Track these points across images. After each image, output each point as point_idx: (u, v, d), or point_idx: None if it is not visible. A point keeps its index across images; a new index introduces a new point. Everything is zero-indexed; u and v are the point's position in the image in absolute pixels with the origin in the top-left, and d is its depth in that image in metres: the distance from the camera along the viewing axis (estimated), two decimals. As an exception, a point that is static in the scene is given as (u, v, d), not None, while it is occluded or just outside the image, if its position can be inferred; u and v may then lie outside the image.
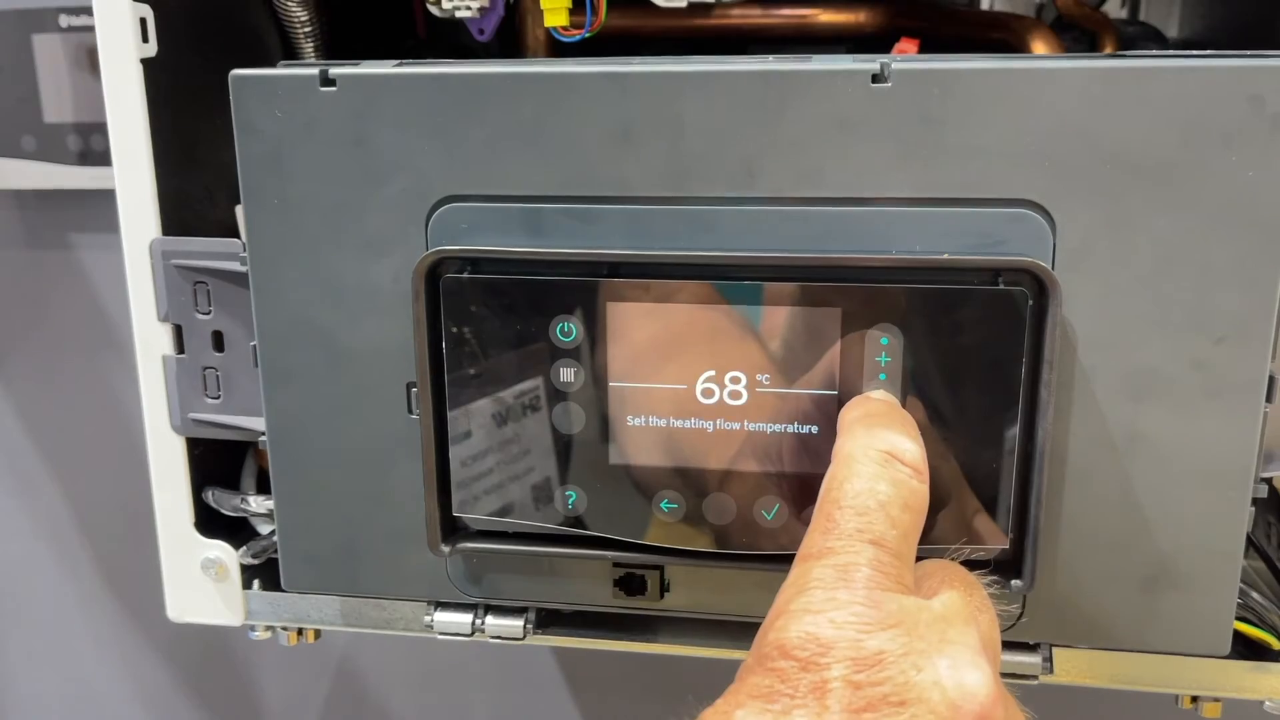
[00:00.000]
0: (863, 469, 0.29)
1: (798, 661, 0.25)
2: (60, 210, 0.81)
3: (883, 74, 0.33)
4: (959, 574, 0.30)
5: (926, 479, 0.30)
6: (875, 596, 0.26)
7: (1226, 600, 0.35)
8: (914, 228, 0.34)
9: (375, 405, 0.38)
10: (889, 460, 0.29)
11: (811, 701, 0.24)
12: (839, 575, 0.26)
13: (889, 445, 0.29)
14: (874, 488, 0.28)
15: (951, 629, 0.26)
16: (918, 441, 0.30)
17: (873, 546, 0.27)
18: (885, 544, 0.27)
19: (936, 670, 0.25)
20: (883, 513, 0.28)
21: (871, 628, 0.25)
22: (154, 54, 0.40)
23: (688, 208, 0.35)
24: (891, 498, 0.28)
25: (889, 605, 0.26)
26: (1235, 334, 0.33)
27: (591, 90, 0.34)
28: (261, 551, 0.43)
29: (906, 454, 0.29)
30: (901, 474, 0.29)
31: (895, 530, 0.28)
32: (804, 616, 0.25)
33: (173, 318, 0.41)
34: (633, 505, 0.36)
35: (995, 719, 0.25)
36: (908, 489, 0.29)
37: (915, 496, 0.29)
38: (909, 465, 0.29)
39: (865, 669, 0.24)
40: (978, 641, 0.26)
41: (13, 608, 0.93)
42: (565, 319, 0.35)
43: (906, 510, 0.28)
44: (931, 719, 0.24)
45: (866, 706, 0.24)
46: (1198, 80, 0.32)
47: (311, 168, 0.36)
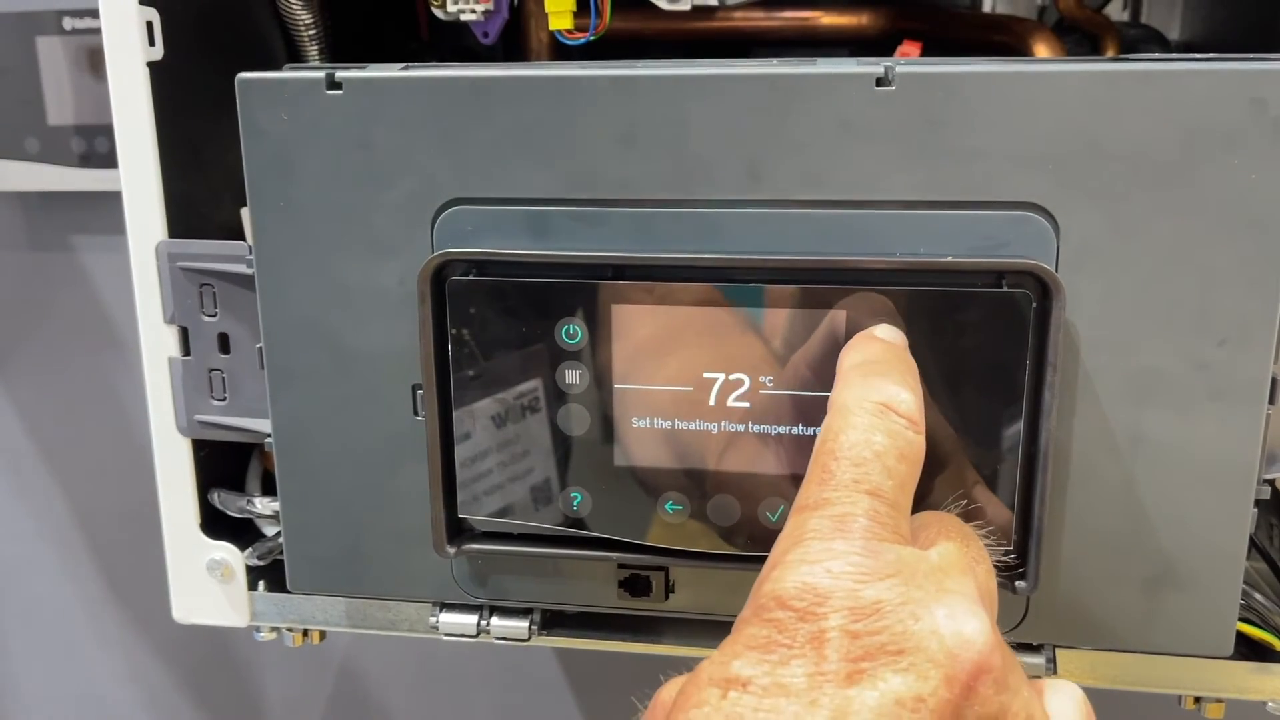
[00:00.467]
0: (858, 420, 0.28)
1: (795, 612, 0.24)
2: (63, 212, 0.81)
3: (887, 77, 0.33)
4: (955, 525, 0.30)
5: (923, 429, 0.29)
6: (872, 546, 0.26)
7: (1229, 601, 0.35)
8: (918, 230, 0.34)
9: (381, 407, 0.38)
10: (884, 411, 0.29)
11: (809, 651, 0.24)
12: (835, 526, 0.26)
13: (885, 396, 0.29)
14: (869, 439, 0.28)
15: (949, 579, 0.26)
16: (915, 391, 0.30)
17: (869, 497, 0.27)
18: (882, 494, 0.27)
19: (934, 619, 0.25)
20: (879, 463, 0.27)
21: (868, 577, 0.25)
22: (160, 57, 0.40)
23: (692, 210, 0.35)
24: (887, 448, 0.28)
25: (886, 555, 0.26)
26: (1238, 336, 0.33)
27: (596, 94, 0.35)
28: (267, 553, 0.43)
29: (902, 405, 0.29)
30: (897, 424, 0.29)
31: (891, 480, 0.27)
32: (800, 567, 0.25)
33: (179, 320, 0.41)
34: (637, 506, 0.36)
35: (993, 667, 0.25)
36: (904, 439, 0.28)
37: (911, 447, 0.29)
38: (904, 416, 0.29)
39: (863, 618, 0.24)
40: (975, 591, 0.26)
41: (16, 609, 0.93)
42: (570, 321, 0.35)
43: (903, 460, 0.28)
44: (930, 667, 0.24)
45: (864, 655, 0.24)
46: (1200, 83, 0.32)
47: (317, 170, 0.36)
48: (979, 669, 0.24)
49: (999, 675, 0.25)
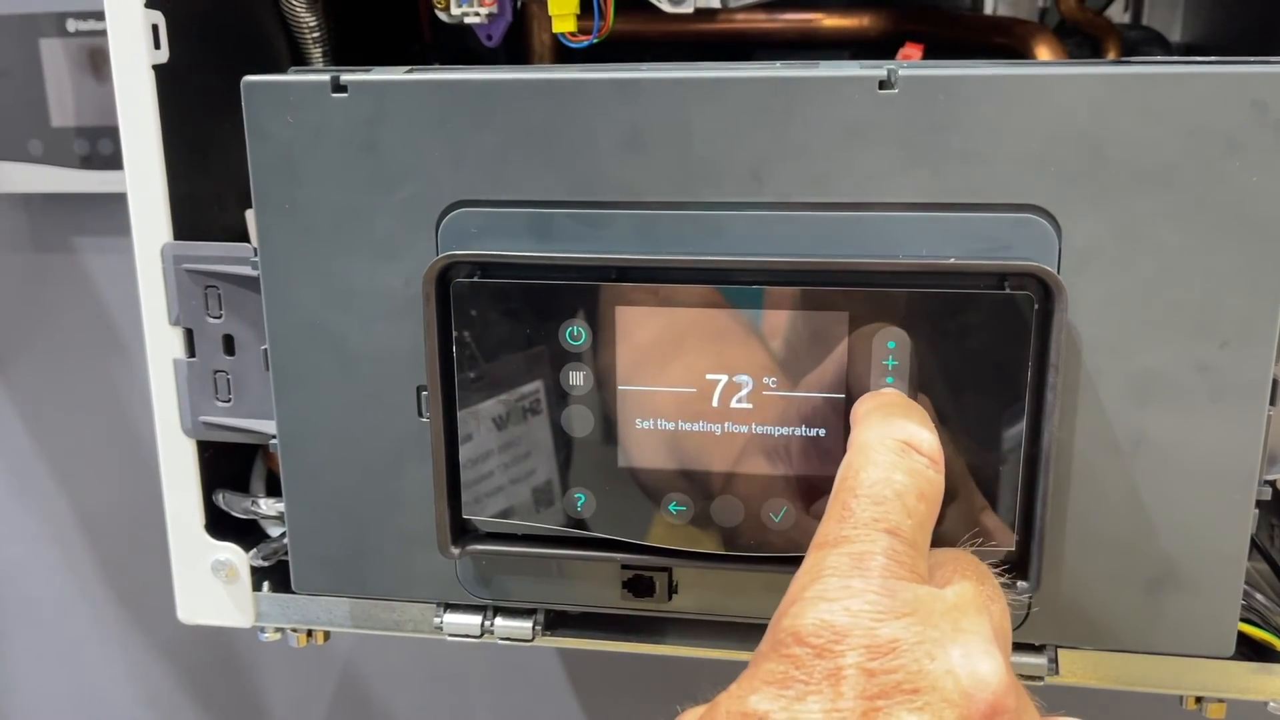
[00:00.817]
0: (879, 458, 0.29)
1: (812, 648, 0.25)
2: (66, 214, 0.81)
3: (890, 80, 0.33)
4: (972, 563, 0.30)
5: (942, 469, 0.30)
6: (890, 585, 0.26)
7: (1230, 602, 0.35)
8: (920, 232, 0.34)
9: (386, 408, 0.38)
10: (905, 449, 0.29)
11: (826, 688, 0.24)
12: (854, 563, 0.26)
13: (906, 434, 0.29)
14: (890, 477, 0.28)
15: (965, 618, 0.26)
16: (933, 432, 0.30)
17: (888, 535, 0.27)
18: (900, 533, 0.27)
19: (950, 659, 0.25)
20: (899, 502, 0.28)
21: (885, 616, 0.25)
22: (165, 60, 0.41)
23: (696, 213, 0.35)
24: (908, 487, 0.28)
25: (903, 594, 0.26)
26: (1239, 338, 0.33)
27: (600, 96, 0.35)
28: (272, 554, 0.44)
29: (924, 444, 0.29)
30: (918, 463, 0.29)
31: (911, 519, 0.28)
32: (819, 604, 0.26)
33: (184, 321, 0.42)
34: (641, 507, 0.36)
35: (1008, 707, 0.25)
36: (924, 478, 0.29)
37: (931, 486, 0.29)
38: (926, 455, 0.29)
39: (879, 656, 0.25)
40: (990, 630, 0.27)
41: (19, 610, 0.93)
42: (574, 323, 0.35)
43: (922, 500, 0.28)
44: (945, 707, 0.24)
45: (880, 694, 0.24)
46: (1201, 86, 0.32)
47: (322, 173, 0.37)
48: (993, 709, 0.25)
49: (1013, 716, 0.25)
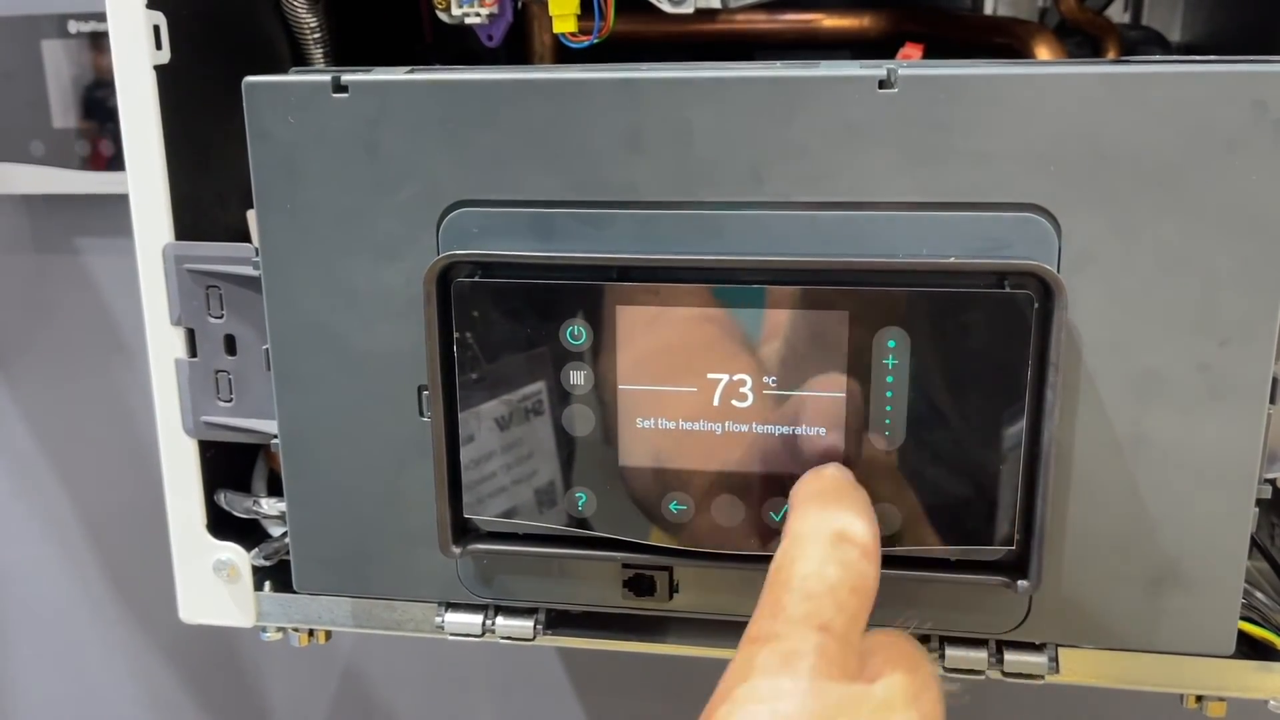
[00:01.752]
0: (812, 550, 0.29)
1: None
2: (68, 215, 0.81)
3: (889, 80, 0.33)
4: (905, 651, 0.29)
5: (877, 560, 0.29)
6: (819, 686, 0.26)
7: (1231, 600, 0.35)
8: (920, 232, 0.34)
9: (387, 408, 0.38)
10: (839, 541, 0.29)
11: None
12: (784, 663, 0.26)
13: (840, 525, 0.29)
14: (823, 570, 0.28)
15: (893, 715, 0.26)
16: (870, 521, 0.30)
17: (818, 633, 0.27)
18: (831, 629, 0.27)
19: None
20: (831, 597, 0.28)
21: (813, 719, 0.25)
22: (167, 61, 0.41)
23: (696, 212, 0.35)
24: (840, 581, 0.28)
25: (831, 695, 0.26)
26: (1239, 336, 0.33)
27: (601, 96, 0.35)
28: (274, 553, 0.44)
29: (858, 535, 0.29)
30: (851, 555, 0.29)
31: (842, 615, 0.27)
32: (747, 705, 0.26)
33: (185, 321, 0.42)
34: (642, 507, 0.36)
35: None
36: (856, 572, 0.28)
37: (864, 580, 0.29)
38: (859, 546, 0.29)
39: None
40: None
41: (20, 610, 0.93)
42: (575, 322, 0.35)
43: (855, 594, 0.28)
44: None
45: None
46: (1201, 85, 0.32)
47: (324, 173, 0.37)
48: None
49: None
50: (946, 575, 0.35)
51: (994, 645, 0.38)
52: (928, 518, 0.34)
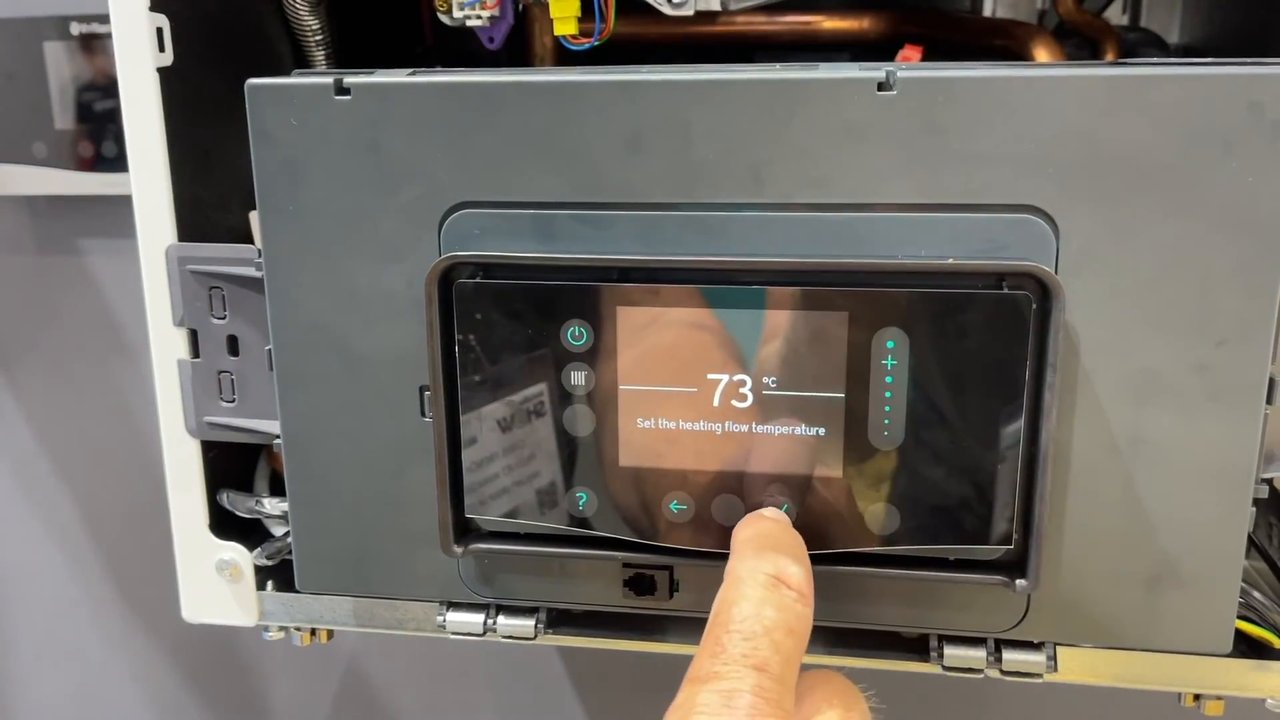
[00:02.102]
0: (750, 592, 0.30)
1: None
2: (70, 216, 0.81)
3: (888, 82, 0.34)
4: (840, 691, 0.31)
5: (811, 603, 0.31)
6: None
7: (1228, 599, 0.36)
8: (919, 233, 0.34)
9: (388, 408, 0.38)
10: (776, 584, 0.30)
11: None
12: (723, 702, 0.27)
13: (776, 569, 0.31)
14: (760, 612, 0.30)
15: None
16: (804, 565, 0.32)
17: (756, 672, 0.28)
18: (768, 669, 0.28)
19: None
20: (768, 638, 0.29)
21: None
22: (170, 63, 0.41)
23: (697, 213, 0.35)
24: (776, 622, 0.29)
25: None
26: (1236, 337, 0.33)
27: (602, 98, 0.35)
28: (276, 553, 0.44)
29: (793, 578, 0.31)
30: (787, 598, 0.30)
31: (779, 655, 0.29)
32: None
33: (188, 322, 0.42)
34: (642, 506, 0.36)
35: None
36: (793, 614, 0.30)
37: (800, 621, 0.30)
38: (794, 589, 0.30)
39: None
40: None
41: (22, 609, 0.94)
42: (576, 323, 0.35)
43: (790, 635, 0.29)
44: None
45: None
46: (1198, 88, 0.32)
47: (326, 175, 0.37)
48: None
49: None
50: (945, 574, 0.35)
51: (993, 644, 0.38)
52: (927, 517, 0.35)
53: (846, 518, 0.35)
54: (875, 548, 0.35)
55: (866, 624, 0.38)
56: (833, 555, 0.35)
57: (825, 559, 0.35)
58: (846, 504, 0.35)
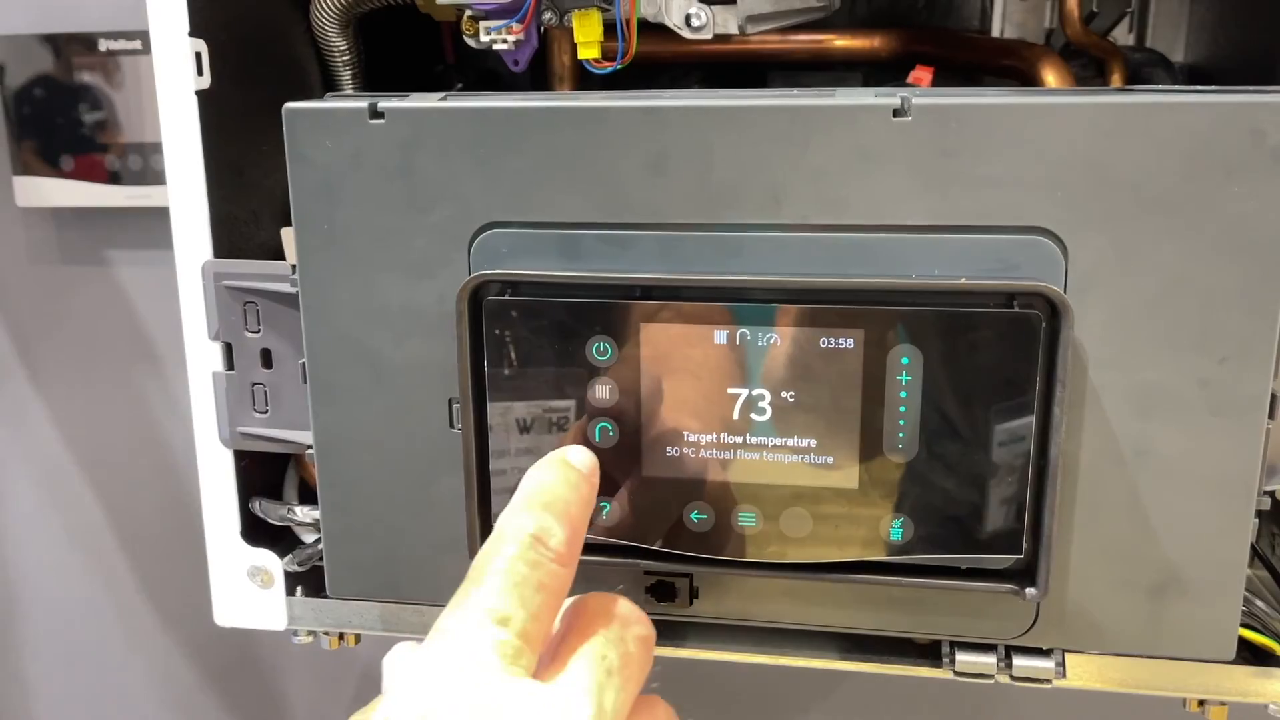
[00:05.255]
0: (506, 549, 0.29)
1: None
2: (96, 228, 0.83)
3: (904, 108, 0.35)
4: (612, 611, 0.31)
5: (569, 563, 0.30)
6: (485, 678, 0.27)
7: (1232, 608, 0.37)
8: (932, 253, 0.35)
9: (418, 420, 0.40)
10: (535, 543, 0.30)
11: None
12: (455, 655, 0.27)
13: (538, 528, 0.30)
14: (511, 568, 0.29)
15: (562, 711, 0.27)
16: (570, 525, 0.31)
17: (496, 626, 0.28)
18: (510, 624, 0.28)
19: None
20: (515, 593, 0.28)
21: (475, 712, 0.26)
22: (208, 85, 0.42)
23: (717, 234, 0.37)
24: (526, 579, 0.29)
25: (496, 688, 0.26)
26: (1238, 354, 0.35)
27: (627, 123, 0.36)
28: (306, 560, 0.45)
29: (553, 539, 0.30)
30: (543, 556, 0.30)
31: (524, 611, 0.28)
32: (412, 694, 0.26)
33: (223, 336, 0.43)
34: (664, 516, 0.38)
35: None
36: (545, 571, 0.29)
37: (553, 579, 0.29)
38: (553, 551, 0.30)
39: None
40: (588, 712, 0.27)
41: (45, 612, 0.95)
42: (601, 339, 0.37)
43: (540, 591, 0.29)
44: None
45: None
46: (1201, 115, 0.33)
47: (360, 195, 0.38)
48: None
49: None
50: (957, 583, 0.36)
51: (1003, 650, 0.40)
52: (939, 527, 0.36)
53: (861, 527, 0.36)
54: (889, 556, 0.36)
55: (879, 630, 0.40)
56: (847, 564, 0.37)
57: (840, 567, 0.37)
58: (861, 514, 0.36)
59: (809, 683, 0.78)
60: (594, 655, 0.29)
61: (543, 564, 0.29)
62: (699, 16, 0.43)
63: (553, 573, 0.30)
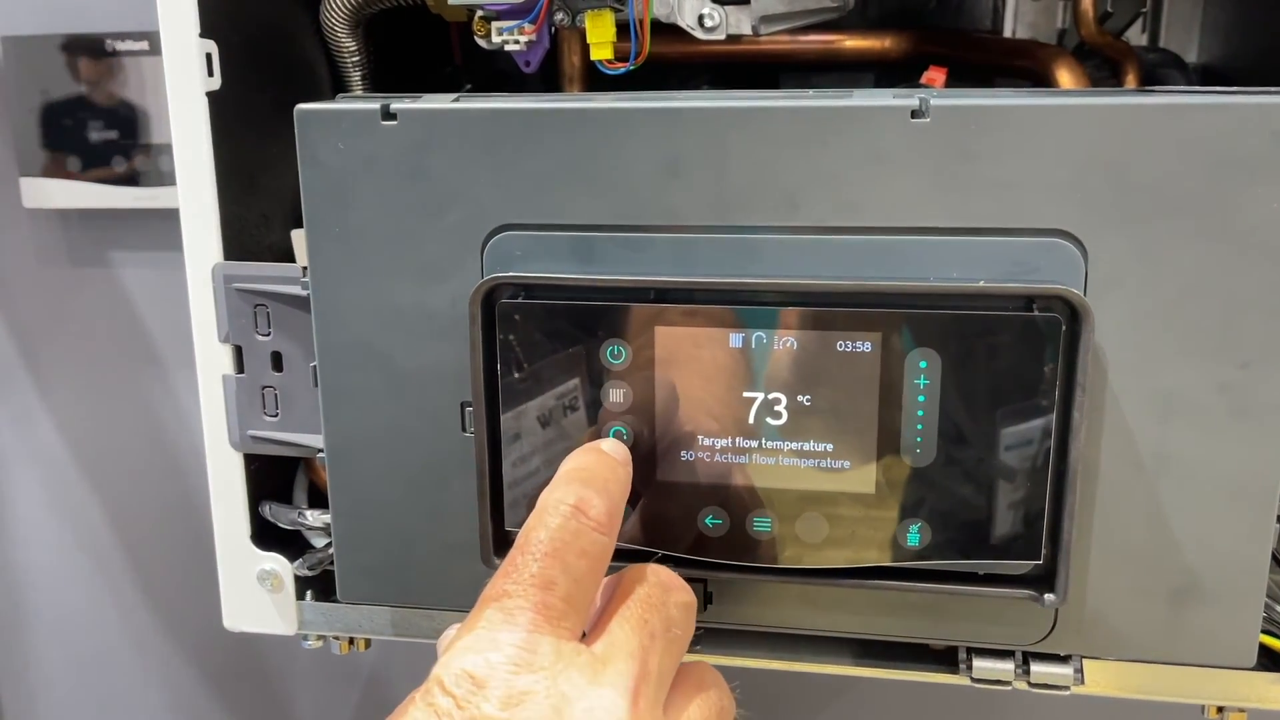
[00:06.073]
0: (549, 519, 0.31)
1: (453, 697, 0.27)
2: (103, 229, 0.83)
3: (921, 110, 0.34)
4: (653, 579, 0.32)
5: (611, 531, 0.32)
6: (533, 639, 0.28)
7: (1252, 614, 0.36)
8: (951, 256, 0.35)
9: (431, 424, 0.39)
10: (575, 513, 0.31)
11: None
12: (505, 618, 0.29)
13: (579, 500, 0.32)
14: (554, 536, 0.30)
15: (606, 670, 0.29)
16: (609, 498, 0.32)
17: (541, 590, 0.29)
18: (554, 588, 0.29)
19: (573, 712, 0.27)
20: (558, 559, 0.30)
21: (521, 669, 0.27)
22: (218, 87, 0.42)
23: (733, 236, 0.36)
24: (568, 545, 0.30)
25: (543, 647, 0.28)
26: (1260, 358, 0.34)
27: (641, 125, 0.36)
28: (317, 564, 0.45)
29: (593, 510, 0.32)
30: (584, 525, 0.31)
31: (567, 576, 0.30)
32: (466, 655, 0.28)
33: (233, 339, 0.43)
34: (678, 520, 0.37)
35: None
36: (587, 539, 0.31)
37: (595, 546, 0.31)
38: (593, 519, 0.31)
39: (511, 707, 0.27)
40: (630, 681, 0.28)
41: (51, 615, 0.95)
42: (615, 342, 0.36)
43: (583, 557, 0.30)
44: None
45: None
46: (1223, 116, 0.33)
47: (372, 198, 0.38)
48: None
49: None
50: (975, 588, 0.36)
51: (1020, 656, 0.39)
52: (956, 532, 0.35)
53: (877, 532, 0.36)
54: (905, 562, 0.36)
55: (896, 636, 0.39)
56: (863, 569, 0.36)
57: (856, 573, 0.36)
58: (878, 519, 0.36)
59: (821, 688, 0.78)
60: (636, 619, 0.30)
61: (584, 532, 0.31)
62: (712, 17, 0.43)
63: (594, 540, 0.31)
